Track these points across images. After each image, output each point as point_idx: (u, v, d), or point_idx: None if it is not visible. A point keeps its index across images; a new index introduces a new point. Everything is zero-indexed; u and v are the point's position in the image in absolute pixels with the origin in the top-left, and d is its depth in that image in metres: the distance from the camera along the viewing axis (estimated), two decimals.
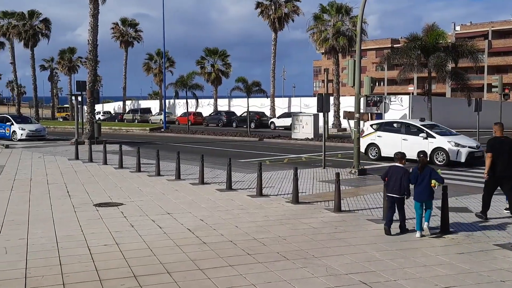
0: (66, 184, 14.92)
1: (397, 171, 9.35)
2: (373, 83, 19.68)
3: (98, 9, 30.77)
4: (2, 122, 34.54)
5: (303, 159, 23.21)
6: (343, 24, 42.03)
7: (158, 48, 68.30)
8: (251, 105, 48.26)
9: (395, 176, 9.31)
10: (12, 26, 64.21)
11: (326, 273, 7.22)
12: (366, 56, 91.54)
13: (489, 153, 10.59)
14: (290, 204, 12.15)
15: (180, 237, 9.07)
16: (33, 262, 7.65)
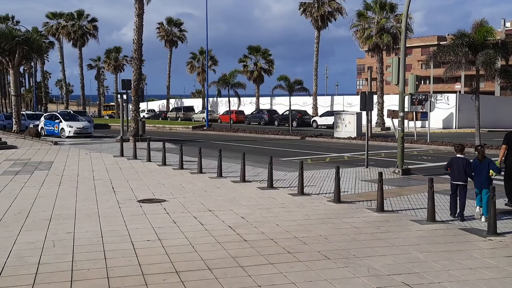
0: (111, 180, 15.28)
1: (460, 162, 10.52)
2: (418, 81, 19.24)
3: (143, 9, 31.32)
4: (51, 119, 35.68)
5: (346, 158, 22.97)
6: (387, 21, 41.34)
7: (201, 47, 69.12)
8: (293, 104, 48.14)
9: (458, 166, 10.48)
10: (61, 26, 66.29)
11: (367, 273, 7.12)
12: (411, 54, 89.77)
13: (504, 145, 11.67)
14: (331, 203, 12.05)
15: (221, 234, 9.14)
16: (79, 255, 7.86)
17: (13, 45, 33.42)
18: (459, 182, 10.48)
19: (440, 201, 12.11)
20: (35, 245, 8.37)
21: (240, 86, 46.15)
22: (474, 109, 29.83)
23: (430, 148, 27.44)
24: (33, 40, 35.82)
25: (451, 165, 10.68)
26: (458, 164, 10.50)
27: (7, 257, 7.75)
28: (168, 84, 73.33)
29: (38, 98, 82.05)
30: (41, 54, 50.39)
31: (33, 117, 41.11)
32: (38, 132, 33.08)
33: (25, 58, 37.76)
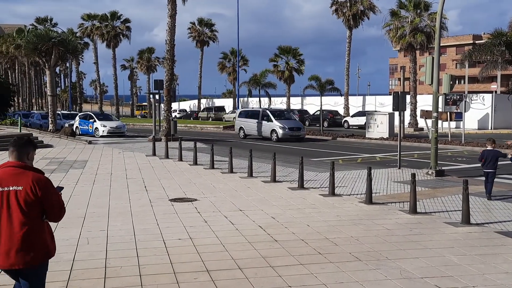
0: (143, 179, 15.48)
1: (491, 153, 12.66)
2: (452, 81, 18.85)
3: (175, 9, 31.62)
4: (86, 119, 36.38)
5: (378, 159, 22.71)
6: (421, 20, 40.70)
7: (232, 47, 69.39)
8: (324, 104, 47.84)
9: (490, 157, 12.59)
10: (95, 27, 67.55)
11: (400, 276, 7.02)
12: (446, 53, 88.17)
13: None
14: (363, 204, 11.93)
15: (252, 234, 9.15)
16: (112, 253, 7.99)
17: (50, 46, 34.20)
18: (489, 170, 12.62)
19: (475, 203, 11.86)
20: (70, 242, 8.55)
21: (271, 86, 46.18)
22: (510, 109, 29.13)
23: (464, 149, 26.89)
24: (69, 41, 36.60)
25: (483, 157, 12.76)
26: (490, 155, 12.59)
27: None
28: (200, 84, 73.89)
29: (73, 98, 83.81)
30: (76, 55, 51.46)
31: (68, 116, 42.02)
32: (73, 132, 33.78)
33: (61, 59, 38.63)
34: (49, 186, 4.37)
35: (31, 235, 4.23)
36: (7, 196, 4.19)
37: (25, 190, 4.20)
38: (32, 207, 4.23)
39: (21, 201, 4.19)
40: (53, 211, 4.36)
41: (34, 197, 4.21)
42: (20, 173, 4.27)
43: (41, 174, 4.42)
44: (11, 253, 4.15)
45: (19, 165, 4.32)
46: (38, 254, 4.28)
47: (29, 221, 4.23)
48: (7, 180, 4.23)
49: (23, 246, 4.18)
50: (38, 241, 4.26)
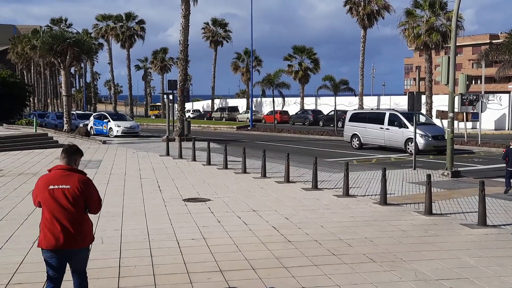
0: (157, 179, 15.53)
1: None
2: (468, 81, 18.61)
3: (189, 10, 31.69)
4: (100, 119, 36.63)
5: (392, 160, 22.55)
6: (436, 19, 40.33)
7: (245, 47, 69.41)
8: (339, 104, 47.67)
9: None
10: (110, 28, 67.99)
11: (415, 277, 6.95)
12: (462, 53, 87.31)
13: None
14: (377, 205, 11.84)
15: (265, 234, 9.13)
16: (126, 252, 8.02)
17: (65, 47, 34.49)
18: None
19: (491, 204, 11.71)
20: None
21: (285, 86, 46.02)
22: None
23: (481, 150, 26.59)
24: (84, 42, 36.88)
25: (507, 155, 13.36)
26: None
27: None
28: (213, 84, 74.03)
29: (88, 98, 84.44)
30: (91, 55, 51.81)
31: (83, 116, 42.34)
32: (87, 131, 34.03)
33: (76, 59, 38.89)
34: (91, 185, 5.33)
35: (78, 223, 5.20)
36: (57, 192, 5.13)
37: (72, 188, 5.15)
38: (77, 202, 5.17)
39: (69, 197, 5.13)
40: (93, 205, 5.33)
41: (79, 194, 5.16)
42: (68, 175, 5.22)
43: (84, 175, 5.34)
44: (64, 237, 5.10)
45: (68, 168, 5.27)
46: (85, 238, 5.27)
47: (76, 213, 5.18)
48: (57, 180, 5.18)
49: (73, 232, 5.15)
50: (84, 228, 5.26)
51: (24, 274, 7.01)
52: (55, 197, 5.13)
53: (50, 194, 5.14)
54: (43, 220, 5.21)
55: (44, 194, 5.17)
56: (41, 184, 5.24)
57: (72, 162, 5.33)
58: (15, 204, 11.74)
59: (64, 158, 5.32)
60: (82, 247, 5.30)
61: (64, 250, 5.15)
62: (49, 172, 5.35)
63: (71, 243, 5.15)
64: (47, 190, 5.17)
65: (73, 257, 5.29)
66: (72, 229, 5.14)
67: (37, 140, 27.12)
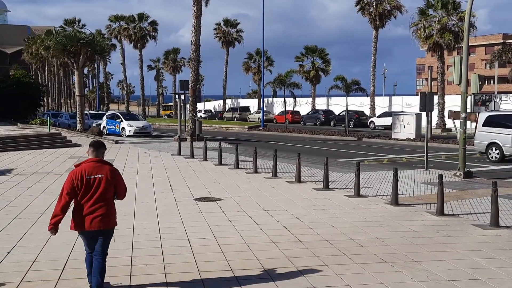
0: (169, 179, 15.60)
1: None
2: (481, 81, 18.48)
3: (201, 10, 31.80)
4: (113, 119, 36.86)
5: (404, 160, 22.45)
6: (449, 19, 40.06)
7: (257, 48, 69.44)
8: (350, 104, 47.49)
9: None
10: (123, 28, 68.37)
11: (426, 278, 6.92)
12: (475, 53, 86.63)
13: None
14: (389, 205, 11.80)
15: (276, 234, 9.14)
16: (138, 251, 8.08)
17: (78, 47, 34.77)
18: None
19: (504, 205, 11.63)
20: None
21: (296, 86, 45.96)
22: None
23: None
24: (97, 42, 37.15)
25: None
26: None
27: (70, 250, 8.07)
28: (225, 84, 74.13)
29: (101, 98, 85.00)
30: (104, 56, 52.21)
31: (96, 116, 42.64)
32: (100, 131, 34.26)
33: (89, 60, 39.19)
34: (118, 174, 6.38)
35: (109, 208, 6.19)
36: (93, 181, 6.06)
37: (105, 177, 6.10)
38: (108, 189, 6.15)
39: (103, 185, 6.08)
40: (121, 192, 6.37)
41: (110, 182, 6.14)
42: (100, 166, 6.15)
43: (112, 166, 6.32)
44: (100, 220, 6.07)
45: (98, 160, 6.21)
46: (113, 220, 6.29)
47: (107, 199, 6.16)
48: (91, 170, 6.09)
49: (106, 214, 6.13)
50: (112, 212, 6.26)
51: (37, 272, 7.09)
52: (91, 185, 6.05)
53: (86, 182, 6.04)
54: (77, 206, 6.13)
55: (81, 183, 6.04)
56: (78, 175, 6.08)
57: (100, 154, 6.27)
58: (28, 202, 11.87)
59: (93, 152, 6.22)
60: (110, 228, 6.27)
61: (95, 231, 6.12)
62: (82, 165, 6.16)
63: (101, 225, 6.11)
64: (84, 179, 6.06)
65: (101, 236, 6.21)
66: (103, 212, 6.11)
67: (50, 139, 27.37)
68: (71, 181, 6.08)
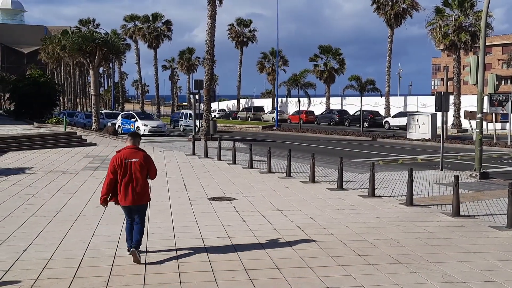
0: (183, 178, 15.66)
1: None
2: (498, 81, 18.34)
3: (215, 10, 31.87)
4: (128, 118, 37.11)
5: (419, 161, 22.28)
6: (465, 19, 39.68)
7: (272, 47, 69.41)
8: (365, 104, 47.25)
9: None
10: (138, 28, 68.74)
11: (441, 279, 6.86)
12: (491, 53, 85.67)
13: None
14: (403, 206, 11.72)
15: (290, 234, 9.13)
16: (152, 249, 8.11)
17: (94, 47, 35.05)
18: None
19: None
20: (111, 238, 8.73)
21: (310, 86, 45.85)
22: None
23: (510, 151, 26.07)
24: (112, 42, 37.40)
25: None
26: None
27: (85, 248, 8.14)
28: (239, 84, 74.21)
29: (116, 98, 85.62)
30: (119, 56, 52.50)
31: (111, 116, 42.95)
32: (115, 130, 34.50)
33: (104, 60, 39.46)
34: (150, 159, 7.79)
35: (144, 186, 7.60)
36: (130, 164, 7.50)
37: (140, 161, 7.56)
38: (143, 171, 7.57)
39: (138, 167, 7.51)
40: (153, 173, 7.74)
41: (144, 164, 7.57)
42: (136, 152, 7.64)
43: (145, 152, 7.77)
44: (135, 196, 7.50)
45: (135, 147, 7.71)
46: (147, 197, 7.73)
47: (142, 179, 7.57)
48: (129, 155, 7.56)
49: (141, 192, 7.55)
50: (147, 189, 7.72)
51: (53, 270, 7.16)
52: (129, 167, 7.48)
53: (125, 165, 7.48)
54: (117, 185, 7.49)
55: (120, 165, 7.47)
56: (118, 158, 7.54)
57: (136, 143, 7.79)
58: (44, 201, 11.99)
59: (131, 140, 7.79)
60: (144, 203, 7.68)
61: (133, 206, 7.55)
62: (121, 151, 7.67)
63: (138, 200, 7.53)
64: (122, 162, 7.49)
65: (137, 210, 7.60)
66: (139, 190, 7.51)
67: (66, 138, 27.64)
68: (113, 163, 7.52)
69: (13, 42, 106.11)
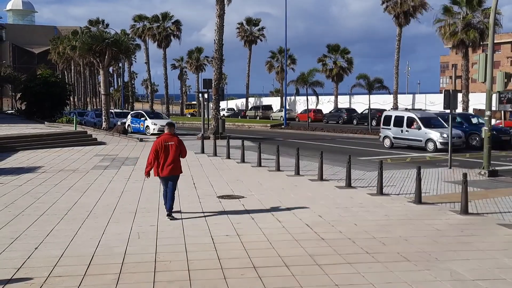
0: (192, 176, 15.74)
1: None
2: (507, 78, 18.18)
3: (224, 9, 31.91)
4: (137, 117, 37.25)
5: (427, 158, 22.22)
6: (473, 16, 39.46)
7: (280, 46, 69.31)
8: (373, 102, 47.17)
9: None
10: (147, 28, 68.89)
11: (450, 277, 6.88)
12: (500, 50, 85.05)
13: None
14: (412, 204, 11.72)
15: (299, 232, 9.17)
16: (162, 247, 8.20)
17: (103, 47, 35.19)
18: None
19: None
20: (121, 236, 8.82)
21: (319, 85, 45.79)
22: None
23: None
24: (121, 42, 37.52)
25: None
26: None
27: (96, 246, 8.24)
28: (247, 83, 74.17)
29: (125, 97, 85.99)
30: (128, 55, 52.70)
31: (121, 115, 43.07)
32: (125, 129, 34.66)
33: (114, 59, 39.62)
34: (182, 142, 10.34)
35: (178, 162, 10.23)
36: (168, 146, 10.07)
37: (175, 143, 10.13)
38: (177, 151, 10.15)
39: (174, 148, 10.09)
40: (184, 153, 10.39)
41: (178, 146, 10.17)
42: (171, 137, 10.23)
43: (178, 137, 10.37)
44: (172, 169, 10.09)
45: (171, 134, 10.32)
46: (180, 170, 10.39)
47: (177, 156, 10.20)
48: (167, 139, 10.14)
49: (175, 166, 10.16)
50: (180, 165, 10.34)
51: (64, 267, 7.26)
52: (167, 148, 10.04)
53: (165, 147, 10.03)
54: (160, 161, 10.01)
55: (162, 146, 10.03)
56: (159, 141, 10.11)
57: (172, 130, 10.41)
58: (55, 199, 12.12)
59: (168, 129, 10.39)
60: (178, 174, 10.32)
61: (170, 176, 10.12)
62: (161, 136, 10.28)
63: (174, 172, 10.14)
64: (163, 145, 10.05)
65: (172, 180, 10.20)
66: (175, 164, 10.11)
67: (77, 137, 27.82)
68: (156, 145, 10.05)
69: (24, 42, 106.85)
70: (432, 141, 24.50)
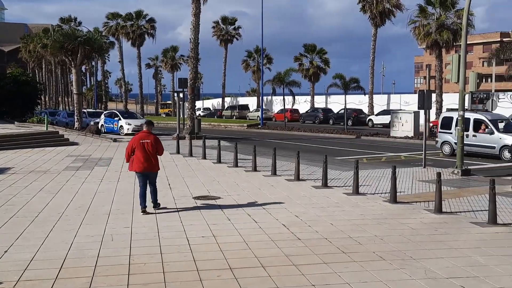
0: (167, 177, 15.58)
1: None
2: (479, 79, 18.51)
3: (200, 8, 31.72)
4: (111, 117, 36.78)
5: (402, 158, 22.46)
6: (447, 17, 40.07)
7: (256, 45, 69.30)
8: (349, 102, 47.53)
9: None
10: (120, 26, 68.15)
11: (424, 276, 6.93)
12: (472, 51, 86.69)
13: None
14: (387, 203, 11.80)
15: (275, 232, 9.14)
16: (136, 250, 8.07)
17: (76, 45, 34.64)
18: None
19: (502, 203, 11.64)
20: (94, 239, 8.66)
21: (295, 85, 45.96)
22: None
23: None
24: (94, 40, 36.98)
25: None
26: None
27: (68, 249, 8.06)
28: (224, 82, 74.00)
29: (99, 97, 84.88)
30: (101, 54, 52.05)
31: (94, 115, 42.47)
32: (98, 130, 34.18)
33: (87, 58, 39.01)
34: (159, 140, 10.76)
35: (155, 159, 10.67)
36: (144, 144, 10.46)
37: (151, 141, 10.52)
38: (153, 148, 10.53)
39: (150, 146, 10.49)
40: (160, 151, 10.75)
41: (154, 144, 10.56)
42: (148, 135, 10.62)
43: (155, 136, 10.76)
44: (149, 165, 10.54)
45: (148, 132, 10.72)
46: (157, 166, 10.82)
47: (153, 154, 10.59)
48: (144, 137, 10.55)
49: (152, 163, 10.60)
50: (157, 162, 10.79)
51: (35, 271, 7.08)
52: (143, 145, 10.45)
53: (141, 144, 10.46)
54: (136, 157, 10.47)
55: (138, 144, 10.47)
56: (136, 139, 10.56)
57: (150, 128, 10.81)
58: (26, 201, 11.84)
59: (146, 126, 10.84)
60: (155, 171, 10.80)
61: (147, 173, 10.61)
62: (138, 134, 10.77)
63: (150, 168, 10.60)
64: (139, 142, 10.48)
65: (151, 176, 10.74)
66: (152, 161, 10.55)
67: (48, 138, 27.31)
68: (132, 143, 10.56)
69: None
70: (508, 148, 20.92)
